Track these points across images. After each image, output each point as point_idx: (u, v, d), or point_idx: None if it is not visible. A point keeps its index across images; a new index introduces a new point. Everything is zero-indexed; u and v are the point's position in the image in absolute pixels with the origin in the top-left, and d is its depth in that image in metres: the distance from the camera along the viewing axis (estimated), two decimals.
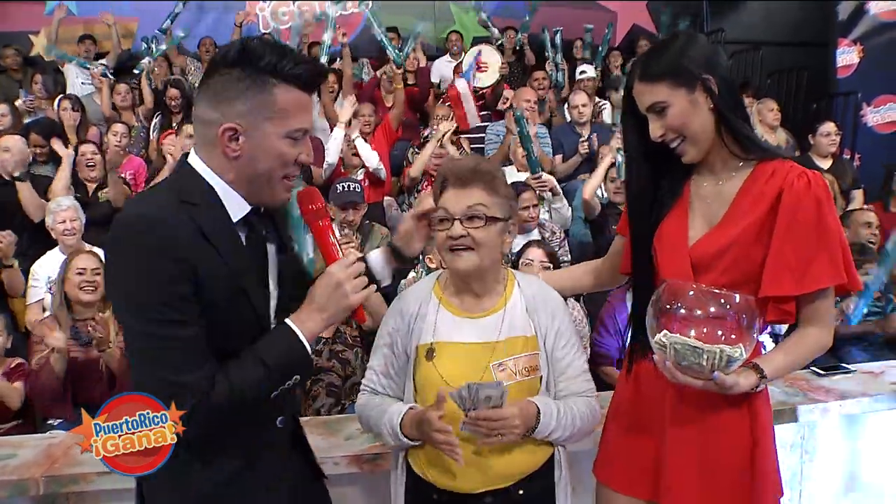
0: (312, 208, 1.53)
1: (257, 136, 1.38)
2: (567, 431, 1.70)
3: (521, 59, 7.40)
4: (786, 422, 2.57)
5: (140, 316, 1.33)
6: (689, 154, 1.61)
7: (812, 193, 1.53)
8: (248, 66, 1.36)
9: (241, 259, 1.42)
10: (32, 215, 4.36)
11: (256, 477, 1.52)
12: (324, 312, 1.45)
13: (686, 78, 1.55)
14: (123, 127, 5.42)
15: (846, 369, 2.89)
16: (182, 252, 1.32)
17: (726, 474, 1.63)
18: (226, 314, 1.39)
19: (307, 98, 1.43)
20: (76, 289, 3.34)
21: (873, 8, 7.01)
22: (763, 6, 8.48)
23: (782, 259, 1.52)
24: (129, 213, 1.40)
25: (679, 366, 1.47)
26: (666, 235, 1.66)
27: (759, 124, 5.79)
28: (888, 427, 2.76)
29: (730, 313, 1.46)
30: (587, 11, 8.19)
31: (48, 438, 2.48)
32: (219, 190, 1.42)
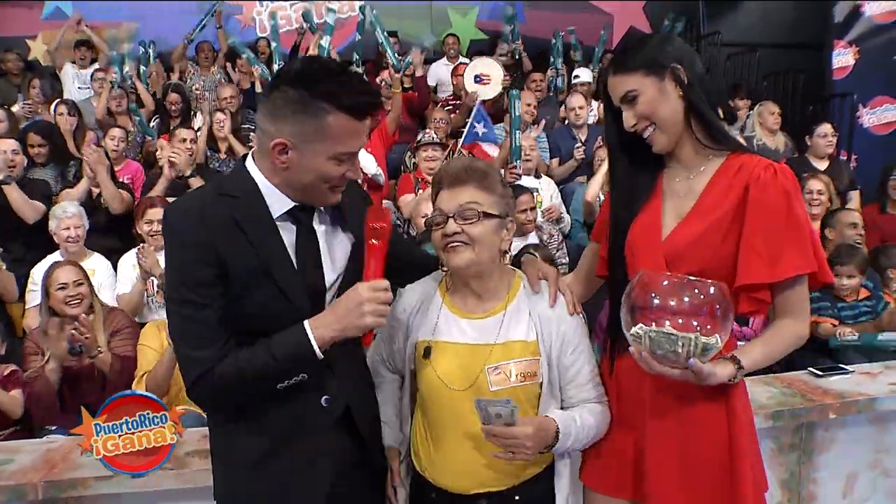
0: (374, 227, 1.56)
1: (305, 155, 1.47)
2: (582, 443, 1.71)
3: (520, 64, 7.42)
4: (784, 423, 2.58)
5: (169, 297, 1.53)
6: (659, 142, 1.64)
7: (779, 184, 1.55)
8: (305, 90, 1.43)
9: (274, 248, 1.52)
10: (26, 217, 4.30)
11: (293, 453, 1.58)
12: (339, 324, 1.50)
13: (656, 68, 1.60)
14: (121, 131, 5.40)
15: (844, 370, 2.89)
16: (207, 238, 1.46)
17: (706, 469, 1.64)
18: (254, 296, 1.50)
19: (359, 125, 1.49)
20: (61, 304, 3.27)
21: (868, 10, 7.04)
22: (759, 8, 8.52)
23: (754, 248, 1.55)
24: (171, 205, 1.58)
25: (655, 355, 1.47)
26: (640, 230, 1.68)
27: (759, 127, 5.81)
28: (886, 428, 2.77)
29: (704, 302, 1.46)
30: (583, 14, 8.21)
31: (46, 443, 2.47)
32: (262, 188, 1.53)
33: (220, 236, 1.47)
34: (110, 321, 3.42)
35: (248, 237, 1.49)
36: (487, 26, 8.22)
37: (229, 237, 1.48)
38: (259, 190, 1.53)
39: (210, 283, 1.48)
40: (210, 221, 1.48)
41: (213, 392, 1.52)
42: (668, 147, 1.65)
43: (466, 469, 1.68)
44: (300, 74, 1.46)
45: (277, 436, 1.59)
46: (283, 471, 1.59)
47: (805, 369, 2.93)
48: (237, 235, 1.49)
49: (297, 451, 1.59)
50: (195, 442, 2.31)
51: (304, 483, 1.61)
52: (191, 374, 1.50)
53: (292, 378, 1.52)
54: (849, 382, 2.79)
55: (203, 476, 2.18)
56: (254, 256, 1.49)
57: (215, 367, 1.48)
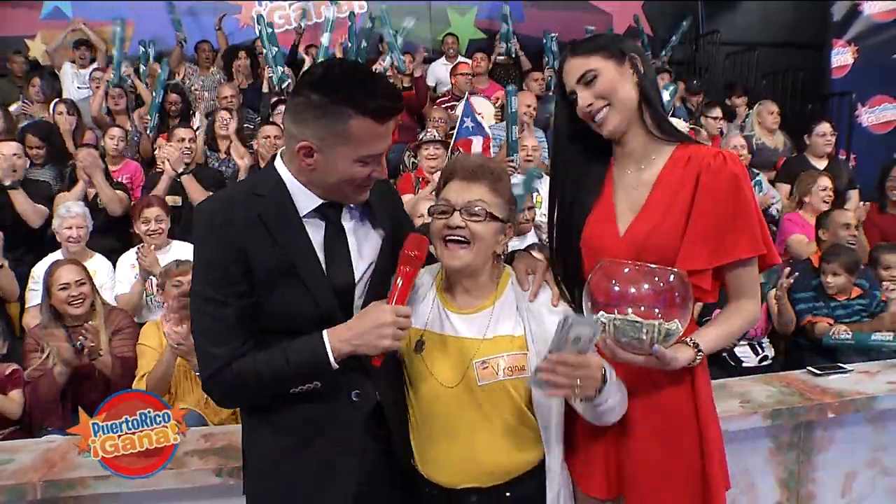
0: (410, 254, 1.58)
1: (330, 157, 1.50)
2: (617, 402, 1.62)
3: (518, 63, 7.42)
4: (783, 422, 2.58)
5: (193, 292, 1.56)
6: (612, 122, 1.65)
7: (728, 169, 1.58)
8: (327, 95, 1.46)
9: (301, 246, 1.55)
10: (31, 222, 4.32)
11: (320, 449, 1.60)
12: (357, 340, 1.52)
13: (616, 53, 1.64)
14: (120, 131, 5.38)
15: (843, 369, 2.90)
16: (234, 236, 1.49)
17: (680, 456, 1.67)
18: (281, 294, 1.53)
19: (382, 128, 1.50)
20: (63, 304, 3.26)
21: (867, 8, 7.04)
22: (758, 7, 8.51)
23: (699, 233, 1.58)
24: (202, 203, 1.62)
25: (619, 342, 1.50)
26: (596, 225, 1.70)
27: (758, 126, 5.81)
28: (885, 427, 2.78)
29: (664, 290, 1.48)
30: (583, 13, 8.20)
31: (46, 443, 2.47)
32: (290, 186, 1.56)
33: (246, 235, 1.51)
34: (111, 321, 3.42)
35: (274, 236, 1.52)
36: (486, 26, 8.20)
37: (256, 236, 1.51)
38: (286, 189, 1.56)
39: (234, 282, 1.51)
40: (238, 220, 1.51)
41: (227, 389, 1.56)
42: (619, 130, 1.66)
43: (457, 464, 1.69)
44: (322, 79, 1.48)
45: (305, 430, 1.61)
46: (311, 465, 1.61)
47: (804, 368, 2.94)
48: (264, 234, 1.52)
49: (325, 447, 1.61)
50: (194, 441, 2.31)
51: (331, 478, 1.62)
52: (207, 369, 1.53)
53: (305, 384, 1.55)
54: (847, 381, 2.79)
55: (202, 476, 2.20)
56: (281, 255, 1.52)
57: (232, 364, 1.51)
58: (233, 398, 1.60)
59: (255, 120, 6.08)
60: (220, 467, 2.20)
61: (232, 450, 2.28)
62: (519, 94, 5.65)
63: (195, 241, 1.58)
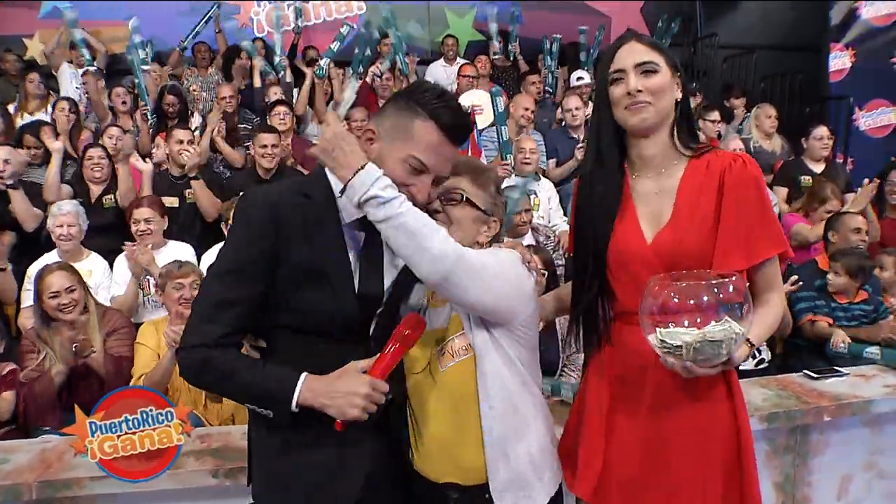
0: (405, 332, 1.57)
1: (385, 149, 1.56)
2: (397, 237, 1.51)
3: (516, 66, 7.42)
4: (779, 425, 2.58)
5: (213, 267, 1.58)
6: (645, 116, 1.66)
7: (750, 172, 1.64)
8: (410, 95, 1.58)
9: (335, 252, 1.58)
10: (25, 224, 4.31)
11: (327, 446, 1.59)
12: (325, 399, 1.52)
13: (673, 63, 1.69)
14: (118, 130, 5.37)
15: (839, 372, 2.90)
16: (273, 228, 1.52)
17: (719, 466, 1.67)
18: (307, 295, 1.55)
19: (444, 142, 1.57)
20: (55, 311, 3.23)
21: (865, 12, 7.06)
22: (756, 10, 8.52)
23: (731, 236, 1.62)
24: (250, 190, 1.65)
25: (697, 361, 1.49)
26: (622, 236, 1.70)
27: (756, 130, 5.82)
28: (881, 430, 2.78)
29: (726, 299, 1.48)
30: (580, 16, 8.20)
31: (42, 443, 2.47)
32: (337, 191, 1.57)
33: (285, 230, 1.53)
34: (106, 321, 3.41)
35: (312, 238, 1.55)
36: (485, 27, 8.20)
37: (294, 234, 1.54)
38: (333, 195, 1.59)
39: (255, 273, 1.53)
40: (281, 213, 1.54)
41: (193, 368, 1.54)
42: (647, 129, 1.68)
43: (436, 456, 1.72)
44: (411, 87, 1.63)
45: (313, 427, 1.59)
46: (319, 464, 1.62)
47: (800, 372, 2.94)
48: (302, 234, 1.55)
49: (334, 444, 1.60)
50: (191, 442, 2.31)
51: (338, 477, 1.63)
52: (187, 340, 1.54)
53: (261, 409, 1.56)
54: (844, 385, 2.80)
55: (199, 477, 2.19)
56: (314, 257, 1.55)
57: (211, 349, 1.51)
58: (195, 378, 1.58)
59: (253, 120, 6.07)
60: (216, 468, 2.20)
61: (229, 451, 2.29)
62: (517, 97, 5.67)
63: (236, 222, 1.59)
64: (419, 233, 1.48)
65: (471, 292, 1.55)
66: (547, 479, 1.74)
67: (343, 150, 1.52)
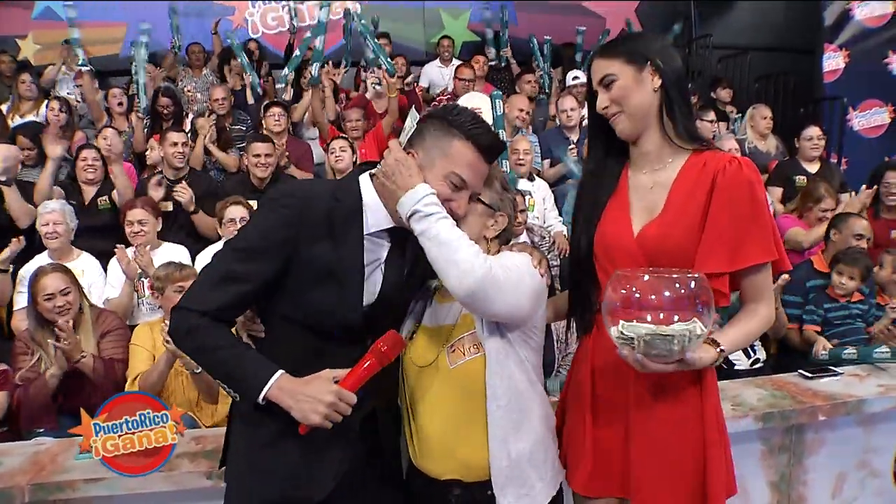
0: (382, 349, 1.59)
1: (426, 168, 1.63)
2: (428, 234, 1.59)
3: (508, 68, 7.42)
4: (774, 424, 2.59)
5: (232, 240, 1.65)
6: (622, 127, 1.70)
7: (744, 175, 1.61)
8: (446, 118, 1.65)
9: (352, 258, 1.63)
10: (19, 221, 4.29)
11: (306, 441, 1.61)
12: (290, 401, 1.54)
13: (638, 58, 1.67)
14: (113, 132, 5.34)
15: (834, 372, 2.91)
16: (299, 219, 1.58)
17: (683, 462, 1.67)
18: (317, 293, 1.61)
19: (480, 162, 1.65)
20: (50, 313, 3.22)
21: (858, 13, 7.08)
22: (750, 11, 8.55)
23: (716, 237, 1.60)
24: (291, 182, 1.71)
25: (649, 355, 1.49)
26: (610, 223, 1.72)
27: (751, 130, 5.83)
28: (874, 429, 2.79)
29: (686, 296, 1.47)
30: (575, 17, 8.21)
31: (34, 446, 2.46)
32: (367, 202, 1.66)
33: (310, 225, 1.59)
34: (100, 323, 3.39)
35: (334, 240, 1.61)
36: (479, 28, 8.23)
37: (318, 231, 1.60)
38: (361, 203, 1.65)
39: (271, 254, 1.58)
40: (312, 209, 1.61)
41: (181, 331, 1.59)
42: (631, 134, 1.71)
43: (438, 452, 1.72)
44: (445, 110, 1.69)
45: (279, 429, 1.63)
46: (295, 456, 1.65)
47: (795, 371, 2.95)
48: (325, 234, 1.60)
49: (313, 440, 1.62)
50: (185, 444, 2.31)
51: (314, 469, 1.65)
52: (186, 302, 1.59)
53: (230, 389, 1.63)
54: (838, 384, 2.81)
55: (193, 479, 2.19)
56: (331, 259, 1.60)
57: (203, 318, 1.56)
58: (179, 340, 1.62)
59: (246, 122, 6.06)
60: (211, 470, 2.19)
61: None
62: (511, 98, 5.66)
63: (266, 206, 1.66)
64: (450, 246, 1.56)
65: (496, 305, 1.60)
66: (549, 479, 1.75)
67: (402, 174, 1.60)
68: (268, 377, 1.54)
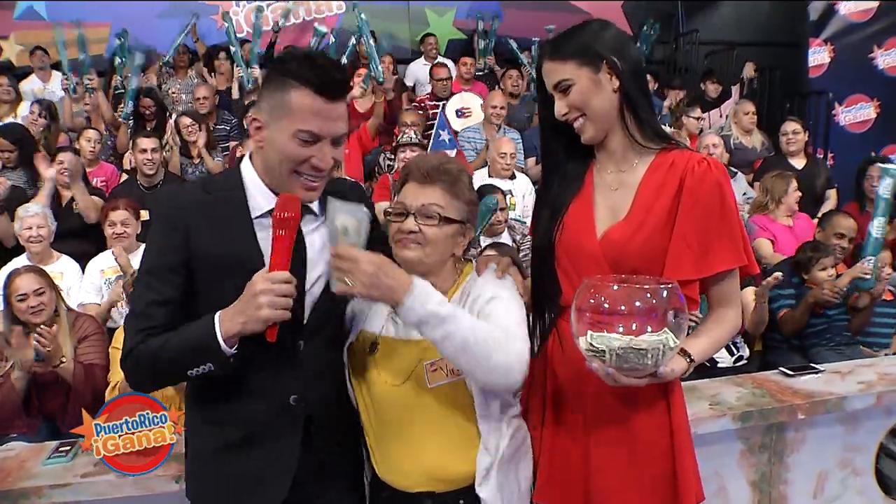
0: (280, 216, 1.50)
1: (273, 132, 1.52)
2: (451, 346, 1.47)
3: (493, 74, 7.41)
4: (753, 423, 2.56)
5: (137, 273, 1.63)
6: (587, 132, 1.63)
7: (713, 178, 1.55)
8: (276, 68, 1.56)
9: (246, 245, 1.55)
10: (5, 242, 4.27)
11: (255, 450, 1.59)
12: (240, 317, 1.47)
13: (592, 58, 1.58)
14: (96, 133, 5.34)
15: (815, 369, 2.89)
16: (181, 225, 1.53)
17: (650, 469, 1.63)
18: (221, 289, 1.52)
19: (323, 104, 1.50)
20: (24, 314, 3.18)
21: (843, 8, 7.08)
22: (736, 7, 8.56)
23: (684, 243, 1.55)
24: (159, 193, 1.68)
25: (621, 369, 1.43)
26: (573, 224, 1.66)
27: (735, 126, 5.82)
28: (856, 427, 2.77)
29: (657, 306, 1.42)
30: (560, 14, 8.16)
31: (4, 451, 2.41)
32: (249, 185, 1.59)
33: (193, 227, 1.54)
34: (77, 327, 3.35)
35: (219, 230, 1.55)
36: (465, 26, 8.20)
37: (202, 229, 1.54)
38: (243, 188, 1.59)
39: (172, 268, 1.53)
40: (186, 212, 1.55)
41: (135, 367, 1.55)
42: (597, 138, 1.64)
43: (410, 467, 1.66)
44: (278, 59, 1.60)
45: (239, 430, 1.61)
46: (247, 465, 1.60)
47: (776, 369, 2.93)
48: (207, 226, 1.54)
49: (260, 448, 1.60)
50: None
51: (263, 480, 1.60)
52: (125, 345, 1.55)
53: (200, 367, 1.50)
54: (819, 382, 2.77)
55: (162, 483, 2.15)
56: (223, 249, 1.54)
57: (139, 345, 1.51)
58: (138, 377, 1.59)
59: (231, 121, 6.02)
60: (179, 474, 2.14)
61: None
62: (488, 94, 5.66)
63: (150, 226, 1.63)
64: (482, 347, 1.46)
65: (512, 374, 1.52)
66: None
67: (387, 277, 1.45)
68: (212, 326, 1.47)
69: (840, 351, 3.65)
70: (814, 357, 3.55)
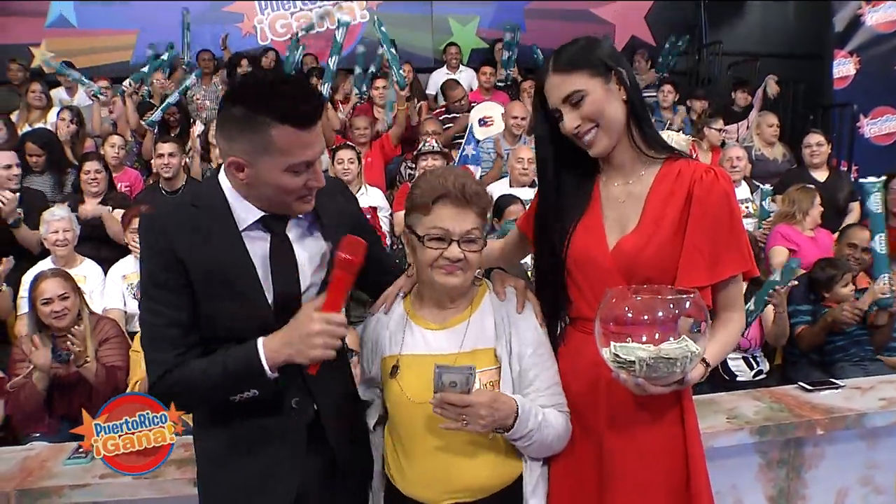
0: (345, 257, 1.50)
1: (261, 170, 1.47)
2: (541, 443, 1.64)
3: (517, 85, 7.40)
4: (771, 437, 2.54)
5: (140, 300, 1.62)
6: (599, 144, 1.62)
7: (721, 187, 1.58)
8: (246, 105, 1.44)
9: (237, 258, 1.54)
10: (33, 250, 4.29)
11: (259, 455, 1.61)
12: (289, 349, 1.50)
13: (602, 68, 1.59)
14: (120, 139, 5.41)
15: (835, 384, 2.85)
16: (170, 245, 1.50)
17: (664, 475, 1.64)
18: (217, 304, 1.53)
19: (305, 134, 1.46)
20: (48, 318, 3.23)
21: (869, 19, 6.99)
22: (761, 18, 8.49)
23: (696, 251, 1.58)
24: (143, 214, 1.64)
25: (650, 378, 1.44)
26: (583, 239, 1.67)
27: (757, 138, 5.78)
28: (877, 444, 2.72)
29: (678, 316, 1.44)
30: (584, 24, 8.18)
31: (25, 451, 2.46)
32: (231, 199, 1.55)
33: (182, 244, 1.51)
34: (99, 330, 3.39)
35: (208, 243, 1.52)
36: (488, 35, 8.22)
37: (191, 245, 1.51)
38: (227, 201, 1.56)
39: (172, 289, 1.52)
40: (173, 229, 1.52)
41: (169, 394, 1.59)
42: (607, 149, 1.64)
43: (434, 479, 1.66)
44: (240, 89, 1.50)
45: (248, 435, 1.62)
46: (253, 469, 1.62)
47: (795, 384, 2.89)
48: (200, 244, 1.52)
49: (268, 452, 1.62)
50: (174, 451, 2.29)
51: (272, 484, 1.62)
52: (151, 375, 1.56)
53: (243, 393, 1.55)
54: (839, 397, 2.74)
55: (178, 486, 2.18)
56: (213, 264, 1.52)
57: (173, 371, 1.53)
58: (176, 402, 1.62)
59: None
60: (195, 478, 2.16)
61: None
62: (509, 105, 5.64)
63: (141, 250, 1.60)
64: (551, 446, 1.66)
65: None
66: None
67: (499, 411, 1.55)
68: (255, 354, 1.49)
69: (864, 367, 3.59)
70: (836, 372, 3.51)
